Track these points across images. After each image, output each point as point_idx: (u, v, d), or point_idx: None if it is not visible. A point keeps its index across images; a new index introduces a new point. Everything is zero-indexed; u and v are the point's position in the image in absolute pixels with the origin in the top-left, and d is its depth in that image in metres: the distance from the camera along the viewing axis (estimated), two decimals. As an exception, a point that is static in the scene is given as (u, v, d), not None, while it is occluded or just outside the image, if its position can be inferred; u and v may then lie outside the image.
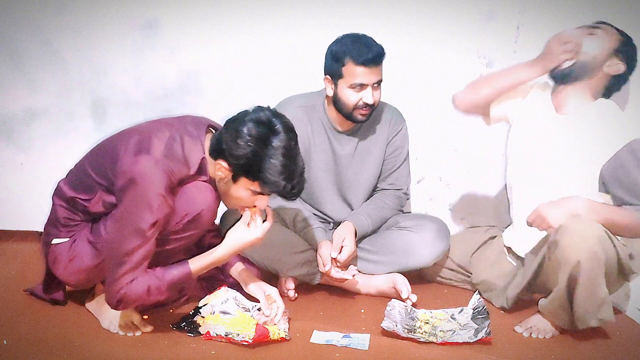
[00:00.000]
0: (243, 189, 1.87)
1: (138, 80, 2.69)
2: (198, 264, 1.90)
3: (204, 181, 1.91)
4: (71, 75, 2.65)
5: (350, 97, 2.25)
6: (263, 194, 1.88)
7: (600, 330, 2.19)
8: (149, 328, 1.97)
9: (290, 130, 1.84)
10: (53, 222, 1.99)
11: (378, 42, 2.25)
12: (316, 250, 2.32)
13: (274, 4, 2.66)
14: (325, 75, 2.30)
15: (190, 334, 1.96)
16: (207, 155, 1.90)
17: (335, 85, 2.27)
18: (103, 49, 2.65)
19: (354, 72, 2.21)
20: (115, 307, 1.85)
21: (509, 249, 2.42)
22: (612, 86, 2.21)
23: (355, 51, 2.20)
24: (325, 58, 2.29)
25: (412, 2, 2.67)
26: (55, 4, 2.58)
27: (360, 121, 2.32)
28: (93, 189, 1.91)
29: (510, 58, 2.77)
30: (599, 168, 2.10)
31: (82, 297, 2.08)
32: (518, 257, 2.37)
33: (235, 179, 1.86)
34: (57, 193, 1.99)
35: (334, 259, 2.25)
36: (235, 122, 1.83)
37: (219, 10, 2.64)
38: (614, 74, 2.17)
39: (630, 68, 2.19)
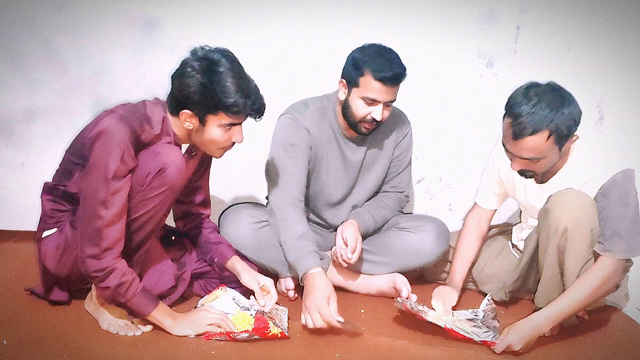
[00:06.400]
0: (214, 127, 1.91)
1: (138, 80, 2.68)
2: (159, 314, 1.93)
3: (168, 142, 1.95)
4: (71, 74, 2.65)
5: (359, 109, 2.22)
6: (234, 125, 1.92)
7: (600, 330, 2.20)
8: (149, 328, 1.97)
9: (228, 54, 1.90)
10: (42, 218, 2.02)
11: (399, 58, 2.20)
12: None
13: (274, 3, 2.65)
14: (341, 78, 2.25)
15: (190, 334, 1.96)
16: (168, 115, 1.95)
17: (349, 92, 2.23)
18: (103, 49, 2.64)
19: (370, 86, 2.16)
20: (93, 271, 1.84)
21: (515, 245, 2.45)
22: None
23: (377, 65, 2.14)
24: (346, 62, 2.24)
25: (412, 2, 2.68)
26: (55, 4, 2.58)
27: (364, 134, 2.29)
28: (72, 172, 1.95)
29: (510, 58, 2.77)
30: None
31: (83, 297, 2.08)
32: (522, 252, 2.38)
33: (202, 121, 1.90)
34: (44, 189, 2.03)
35: (345, 260, 2.24)
36: (178, 69, 1.89)
37: (220, 10, 2.64)
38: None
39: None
